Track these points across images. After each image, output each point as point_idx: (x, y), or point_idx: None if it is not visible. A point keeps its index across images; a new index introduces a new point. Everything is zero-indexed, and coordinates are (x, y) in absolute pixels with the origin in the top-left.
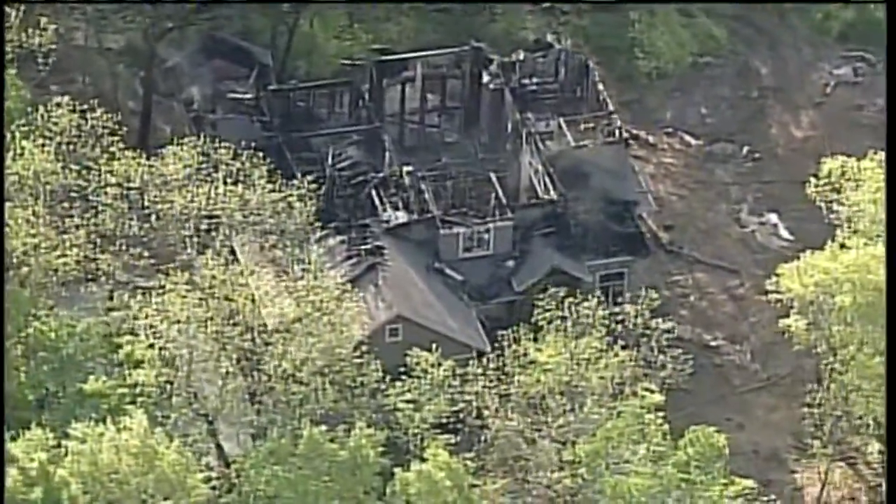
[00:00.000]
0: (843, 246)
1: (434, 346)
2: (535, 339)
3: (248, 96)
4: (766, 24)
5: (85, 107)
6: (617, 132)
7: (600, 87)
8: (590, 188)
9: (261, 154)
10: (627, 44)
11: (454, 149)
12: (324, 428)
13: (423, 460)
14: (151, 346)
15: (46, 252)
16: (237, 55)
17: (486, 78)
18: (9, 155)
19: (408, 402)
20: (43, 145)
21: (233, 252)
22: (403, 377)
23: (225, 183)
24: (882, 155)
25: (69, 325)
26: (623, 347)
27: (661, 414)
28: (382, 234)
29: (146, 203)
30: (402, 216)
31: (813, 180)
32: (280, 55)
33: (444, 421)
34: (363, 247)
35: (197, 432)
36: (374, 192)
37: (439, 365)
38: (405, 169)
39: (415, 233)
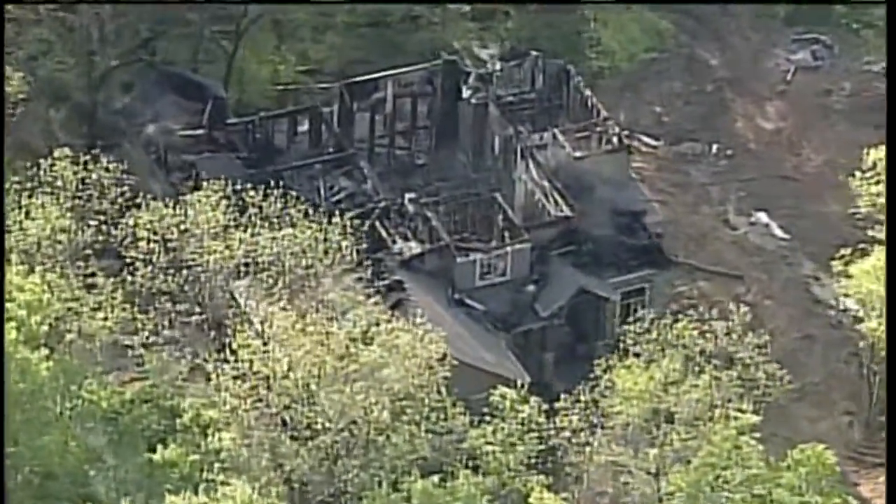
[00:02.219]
0: None
1: (473, 379)
2: (610, 368)
3: (201, 132)
4: (707, 13)
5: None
6: (615, 139)
7: (587, 92)
8: (595, 201)
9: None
10: (563, 45)
11: (434, 171)
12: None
13: None
14: (230, 408)
15: (89, 315)
16: (190, 89)
17: (466, 92)
18: (16, 212)
19: (493, 443)
20: (57, 202)
21: (234, 299)
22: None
23: (264, 226)
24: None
25: (118, 392)
26: (714, 367)
27: (756, 435)
28: (397, 268)
29: (183, 255)
30: (414, 247)
31: (857, 173)
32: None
33: (534, 460)
34: (382, 282)
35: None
36: (378, 224)
37: (525, 402)
38: (408, 196)
39: (427, 263)
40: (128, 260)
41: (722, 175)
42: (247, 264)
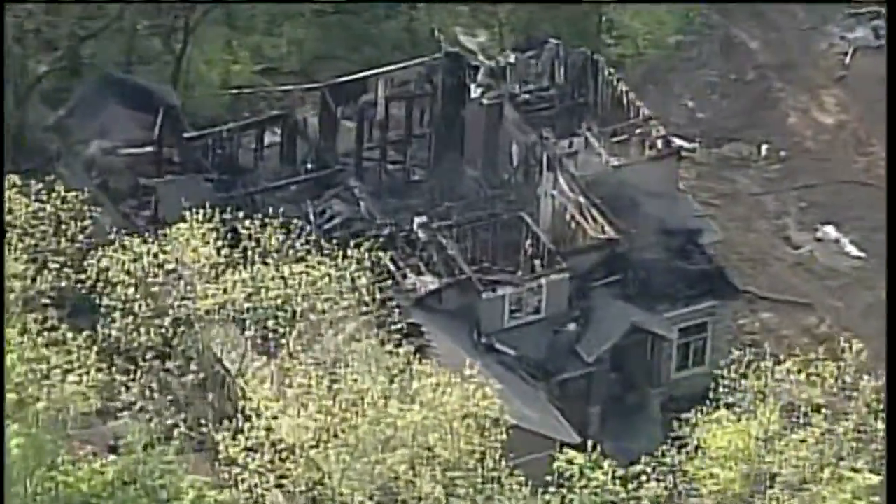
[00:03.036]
0: None
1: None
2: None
3: (150, 149)
4: None
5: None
6: (660, 142)
7: (622, 86)
8: (641, 219)
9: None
10: (571, 29)
11: (438, 189)
12: None
13: None
14: (245, 487)
15: (59, 378)
16: (136, 98)
17: (475, 91)
18: None
19: None
20: (9, 244)
21: (237, 352)
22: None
23: (266, 263)
24: None
25: (98, 471)
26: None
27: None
28: (411, 308)
29: (170, 301)
30: (430, 282)
31: None
32: None
33: None
34: (395, 326)
35: None
36: (384, 255)
37: (597, 467)
38: (417, 221)
39: (446, 301)
40: (102, 310)
41: (776, 182)
42: (250, 310)
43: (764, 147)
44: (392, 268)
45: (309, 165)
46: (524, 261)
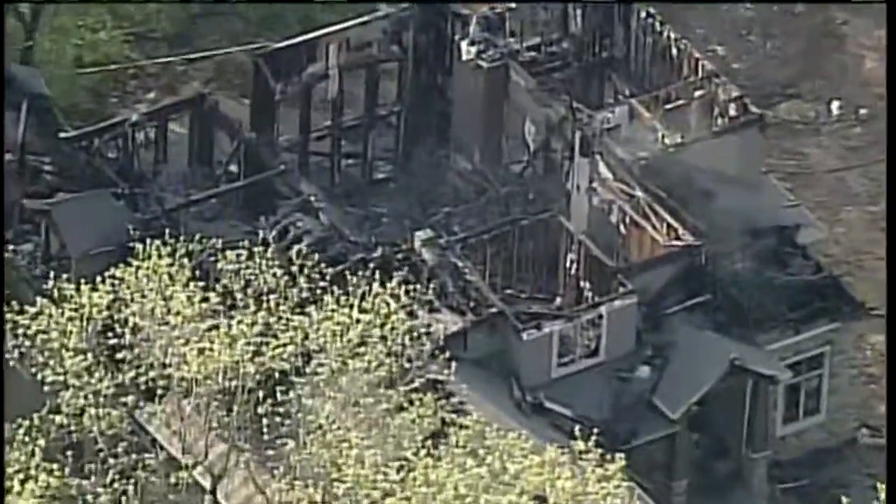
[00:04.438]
0: None
1: None
2: None
3: (10, 157)
4: None
5: None
6: (733, 108)
7: (668, 33)
8: (718, 216)
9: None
10: None
11: (427, 190)
12: None
13: None
14: None
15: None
16: None
17: (468, 51)
18: None
19: None
20: None
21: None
22: None
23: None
24: None
25: None
26: None
27: None
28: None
29: (140, 369)
30: (450, 321)
31: None
32: None
33: None
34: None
35: None
36: (379, 286)
37: None
38: (419, 236)
39: (473, 346)
40: (45, 388)
41: (860, 152)
42: (255, 376)
43: (835, 105)
44: (392, 303)
45: (233, 167)
46: (565, 283)
